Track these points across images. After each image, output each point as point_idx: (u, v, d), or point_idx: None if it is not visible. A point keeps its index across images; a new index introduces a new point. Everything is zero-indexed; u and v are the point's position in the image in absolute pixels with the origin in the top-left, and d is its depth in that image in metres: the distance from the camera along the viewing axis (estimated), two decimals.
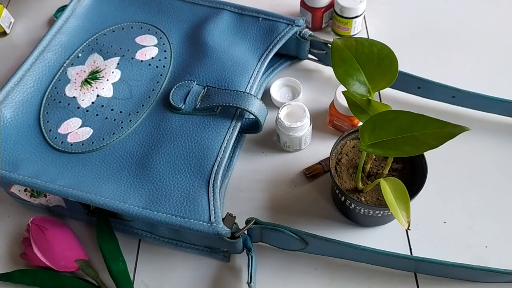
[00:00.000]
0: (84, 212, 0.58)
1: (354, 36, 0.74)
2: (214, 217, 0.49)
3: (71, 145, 0.56)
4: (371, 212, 0.52)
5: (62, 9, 0.80)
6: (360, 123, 0.51)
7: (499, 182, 0.59)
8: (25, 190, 0.58)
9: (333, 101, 0.62)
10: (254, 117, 0.58)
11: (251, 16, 0.66)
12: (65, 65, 0.63)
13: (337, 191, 0.54)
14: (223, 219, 0.50)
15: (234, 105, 0.56)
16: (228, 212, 0.51)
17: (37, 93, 0.61)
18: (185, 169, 0.53)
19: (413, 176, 0.53)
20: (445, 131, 0.40)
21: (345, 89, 0.47)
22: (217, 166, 0.53)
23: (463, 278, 0.52)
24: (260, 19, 0.66)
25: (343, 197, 0.53)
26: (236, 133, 0.56)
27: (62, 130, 0.58)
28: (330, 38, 0.73)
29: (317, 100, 0.67)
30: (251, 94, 0.58)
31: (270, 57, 0.63)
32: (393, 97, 0.67)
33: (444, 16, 0.76)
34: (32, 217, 0.56)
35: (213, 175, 0.53)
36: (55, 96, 0.60)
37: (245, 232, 0.51)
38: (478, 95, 0.61)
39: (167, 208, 0.50)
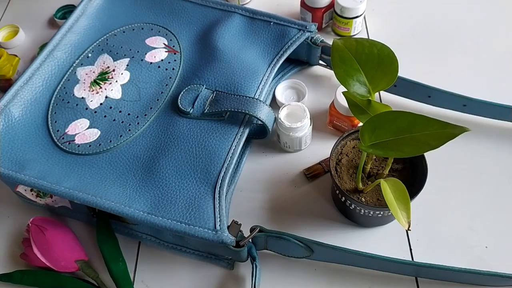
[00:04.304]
0: (89, 214, 0.58)
1: (354, 37, 0.74)
2: (219, 225, 0.49)
3: (78, 146, 0.56)
4: (371, 213, 0.52)
5: (62, 9, 0.80)
6: (360, 124, 0.51)
7: (499, 182, 0.59)
8: (31, 190, 0.58)
9: (333, 101, 0.62)
10: (261, 123, 0.58)
11: (263, 21, 0.65)
12: (74, 65, 0.63)
13: (337, 192, 0.54)
14: (228, 227, 0.49)
15: (243, 111, 0.56)
16: (233, 220, 0.51)
17: (46, 93, 0.60)
18: (192, 174, 0.53)
19: (413, 176, 0.53)
20: (446, 132, 0.40)
21: (345, 90, 0.47)
22: (224, 173, 0.53)
23: (465, 282, 0.52)
24: (272, 23, 0.65)
25: (343, 198, 0.53)
26: (244, 139, 0.56)
27: (69, 130, 0.58)
28: (330, 38, 0.73)
29: (317, 101, 0.67)
30: (260, 100, 0.57)
31: (280, 62, 0.63)
32: (392, 99, 0.66)
33: (444, 16, 0.76)
34: (32, 218, 0.56)
35: (220, 181, 0.52)
36: (64, 96, 0.60)
37: (250, 240, 0.50)
38: (490, 104, 0.60)
39: (172, 214, 0.50)
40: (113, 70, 0.62)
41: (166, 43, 0.65)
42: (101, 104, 0.60)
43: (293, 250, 0.52)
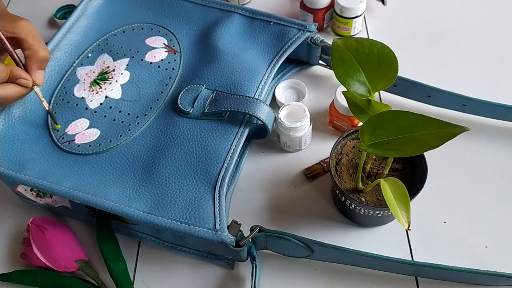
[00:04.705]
0: (89, 214, 0.58)
1: (354, 36, 0.74)
2: (219, 225, 0.49)
3: (78, 146, 0.56)
4: (371, 212, 0.52)
5: (62, 9, 0.80)
6: (360, 123, 0.51)
7: (499, 182, 0.59)
8: (31, 190, 0.58)
9: (333, 101, 0.62)
10: (261, 123, 0.58)
11: (262, 20, 0.65)
12: (74, 64, 0.63)
13: (337, 191, 0.54)
14: (228, 227, 0.49)
15: (243, 111, 0.56)
16: (233, 220, 0.50)
17: (46, 92, 0.60)
18: (191, 174, 0.53)
19: (413, 176, 0.53)
20: (445, 132, 0.40)
21: (345, 89, 0.47)
22: (224, 173, 0.53)
23: (465, 281, 0.52)
24: (272, 23, 0.65)
25: (343, 197, 0.53)
26: (243, 139, 0.56)
27: (69, 130, 0.58)
28: (330, 38, 0.73)
29: (317, 100, 0.67)
30: (260, 100, 0.57)
31: (280, 62, 0.63)
32: (392, 99, 0.66)
33: (443, 16, 0.76)
34: (32, 218, 0.56)
35: (219, 181, 0.52)
36: (64, 96, 0.60)
37: (250, 240, 0.50)
38: (490, 104, 0.60)
39: (172, 214, 0.50)
40: (113, 70, 0.62)
41: (166, 43, 0.65)
42: (101, 104, 0.60)
43: (293, 250, 0.52)
